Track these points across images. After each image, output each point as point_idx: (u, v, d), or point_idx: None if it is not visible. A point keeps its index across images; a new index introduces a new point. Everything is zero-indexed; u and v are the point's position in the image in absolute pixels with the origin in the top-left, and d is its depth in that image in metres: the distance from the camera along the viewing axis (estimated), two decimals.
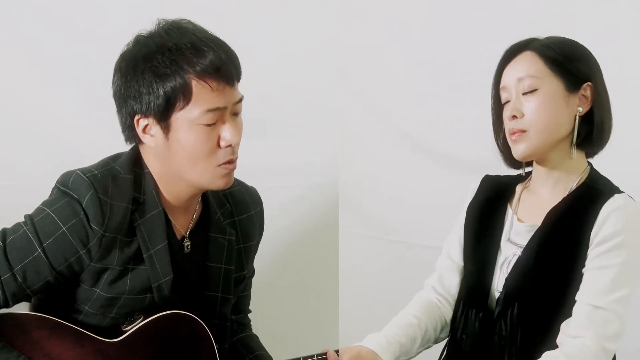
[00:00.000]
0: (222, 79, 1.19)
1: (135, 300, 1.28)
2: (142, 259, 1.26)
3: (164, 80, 1.18)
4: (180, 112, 1.19)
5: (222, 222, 1.38)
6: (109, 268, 1.23)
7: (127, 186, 1.25)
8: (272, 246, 2.20)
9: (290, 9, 2.07)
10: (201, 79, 1.17)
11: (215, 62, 1.18)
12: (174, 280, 1.30)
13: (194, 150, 1.21)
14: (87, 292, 1.26)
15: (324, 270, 2.19)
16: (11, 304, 1.21)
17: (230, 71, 1.21)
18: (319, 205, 2.23)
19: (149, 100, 1.19)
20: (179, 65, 1.17)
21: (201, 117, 1.19)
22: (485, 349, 1.23)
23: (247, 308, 1.58)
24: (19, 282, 1.19)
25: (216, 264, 1.38)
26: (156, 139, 1.23)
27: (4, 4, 1.94)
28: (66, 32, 1.98)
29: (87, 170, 1.24)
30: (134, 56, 1.22)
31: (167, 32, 1.21)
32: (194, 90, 1.18)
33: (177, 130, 1.20)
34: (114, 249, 1.23)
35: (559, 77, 1.22)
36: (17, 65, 1.97)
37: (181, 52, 1.17)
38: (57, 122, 2.02)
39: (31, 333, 1.22)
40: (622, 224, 1.14)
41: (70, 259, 1.21)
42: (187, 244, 1.35)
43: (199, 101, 1.18)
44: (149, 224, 1.26)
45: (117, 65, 1.26)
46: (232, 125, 1.23)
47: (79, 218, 1.19)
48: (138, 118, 1.23)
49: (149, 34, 1.23)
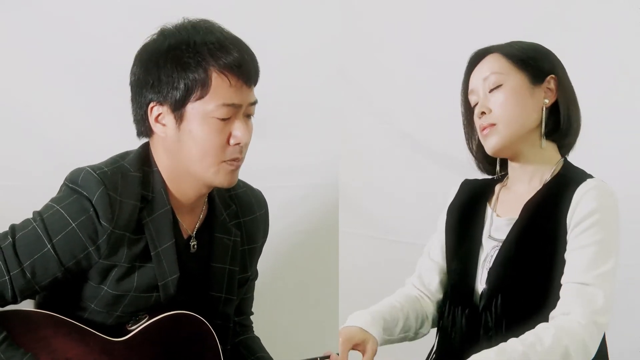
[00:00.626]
0: (241, 77, 1.22)
1: (141, 298, 1.28)
2: (150, 257, 1.26)
3: (185, 70, 1.20)
4: (197, 103, 1.21)
5: (227, 223, 1.39)
6: (116, 265, 1.24)
7: (135, 184, 1.25)
8: (272, 246, 2.19)
9: (291, 9, 2.07)
10: (222, 72, 1.20)
11: (238, 59, 1.21)
12: (179, 279, 1.30)
13: (204, 143, 1.22)
14: (94, 290, 1.26)
15: (324, 270, 2.19)
16: (19, 300, 1.22)
17: (250, 71, 1.24)
18: (319, 205, 2.23)
19: (167, 88, 1.21)
20: (202, 57, 1.20)
21: (216, 110, 1.21)
22: (473, 344, 1.21)
23: (249, 310, 1.58)
24: (27, 278, 1.19)
25: (221, 264, 1.38)
26: (167, 128, 1.24)
27: (4, 4, 1.94)
28: (66, 32, 1.98)
29: (97, 167, 1.24)
30: (157, 47, 1.23)
31: (194, 27, 1.23)
32: (213, 82, 1.20)
33: (190, 120, 1.21)
34: (122, 246, 1.23)
35: (522, 71, 1.27)
36: (17, 65, 1.97)
37: (206, 46, 1.20)
38: (57, 122, 2.02)
39: (36, 330, 1.22)
40: (596, 203, 1.18)
41: (79, 256, 1.21)
42: (194, 243, 1.35)
43: (216, 94, 1.20)
44: (156, 222, 1.26)
45: (138, 55, 1.27)
46: (244, 124, 1.24)
47: (88, 215, 1.20)
48: (152, 105, 1.24)
49: (175, 27, 1.25)
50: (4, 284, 1.18)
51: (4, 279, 1.18)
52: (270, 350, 1.57)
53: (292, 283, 2.20)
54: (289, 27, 2.08)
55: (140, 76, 1.24)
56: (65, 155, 1.91)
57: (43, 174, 1.89)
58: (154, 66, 1.22)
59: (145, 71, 1.23)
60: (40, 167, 1.95)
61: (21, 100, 1.98)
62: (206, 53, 1.19)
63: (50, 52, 1.98)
